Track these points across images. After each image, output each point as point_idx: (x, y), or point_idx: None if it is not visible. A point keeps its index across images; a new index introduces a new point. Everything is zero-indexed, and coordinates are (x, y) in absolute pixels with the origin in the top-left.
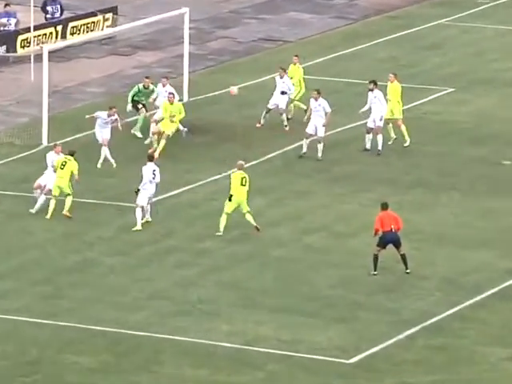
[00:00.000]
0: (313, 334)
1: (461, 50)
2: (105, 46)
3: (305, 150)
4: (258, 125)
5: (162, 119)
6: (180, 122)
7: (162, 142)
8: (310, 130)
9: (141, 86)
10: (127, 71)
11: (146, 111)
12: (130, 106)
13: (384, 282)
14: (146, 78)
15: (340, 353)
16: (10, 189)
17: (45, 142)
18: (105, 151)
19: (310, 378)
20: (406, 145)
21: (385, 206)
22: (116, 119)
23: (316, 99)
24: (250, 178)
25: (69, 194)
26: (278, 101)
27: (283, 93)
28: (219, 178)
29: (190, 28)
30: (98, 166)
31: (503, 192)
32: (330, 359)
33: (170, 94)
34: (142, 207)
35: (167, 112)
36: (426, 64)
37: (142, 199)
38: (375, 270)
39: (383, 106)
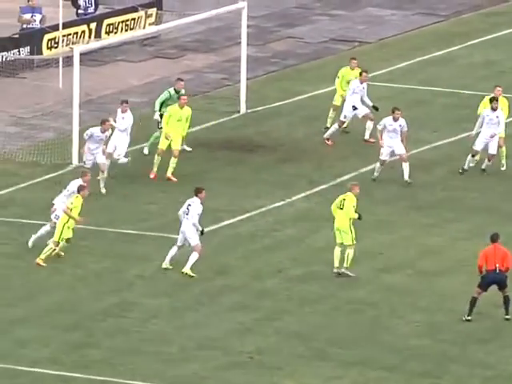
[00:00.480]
0: None
1: None
2: (147, 47)
3: (376, 174)
4: (327, 142)
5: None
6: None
7: (174, 161)
8: (385, 156)
9: (172, 90)
10: (174, 77)
11: None
12: (157, 115)
13: (479, 329)
14: (180, 80)
15: None
16: (34, 217)
17: (75, 162)
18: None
19: None
20: (503, 168)
21: (495, 238)
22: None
23: (396, 119)
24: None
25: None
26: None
27: (354, 108)
28: (283, 205)
29: (248, 26)
30: (103, 191)
31: None
32: None
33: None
34: (179, 247)
35: (173, 117)
36: None
37: (179, 239)
38: (469, 315)
39: (501, 128)
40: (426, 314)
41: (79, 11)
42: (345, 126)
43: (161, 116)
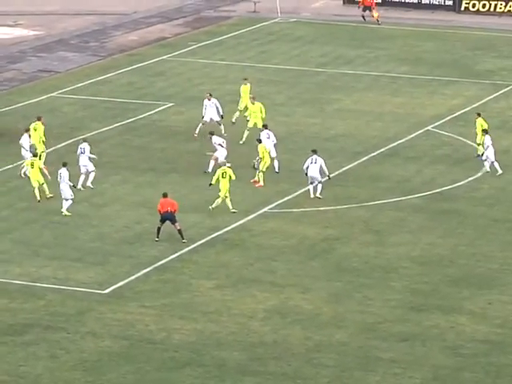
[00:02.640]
0: (79, 273)
1: (178, 77)
2: None
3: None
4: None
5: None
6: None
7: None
8: None
9: None
10: None
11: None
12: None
13: (129, 236)
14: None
15: (98, 286)
16: None
17: None
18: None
19: (77, 303)
20: None
21: (165, 195)
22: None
23: None
24: None
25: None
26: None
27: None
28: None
29: None
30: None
31: (207, 174)
32: (92, 290)
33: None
34: None
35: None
36: (154, 86)
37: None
38: (157, 237)
39: None
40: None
41: None
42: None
43: None
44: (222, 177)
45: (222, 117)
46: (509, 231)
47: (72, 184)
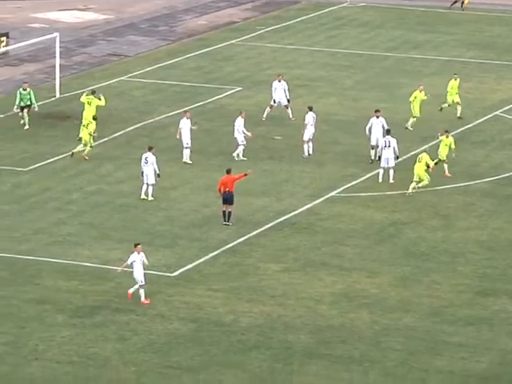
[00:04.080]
0: (147, 256)
1: (246, 61)
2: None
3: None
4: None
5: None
6: None
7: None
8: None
9: (21, 89)
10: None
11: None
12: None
13: (197, 219)
14: (24, 82)
15: (166, 268)
16: None
17: None
18: None
19: (149, 287)
20: None
21: (228, 171)
22: None
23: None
24: None
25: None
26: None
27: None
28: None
29: (60, 47)
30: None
31: (275, 158)
32: (160, 273)
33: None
34: None
35: None
36: (222, 71)
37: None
38: (224, 221)
39: None
40: (165, 211)
41: None
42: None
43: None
44: (418, 161)
45: (288, 101)
46: None
47: (158, 172)
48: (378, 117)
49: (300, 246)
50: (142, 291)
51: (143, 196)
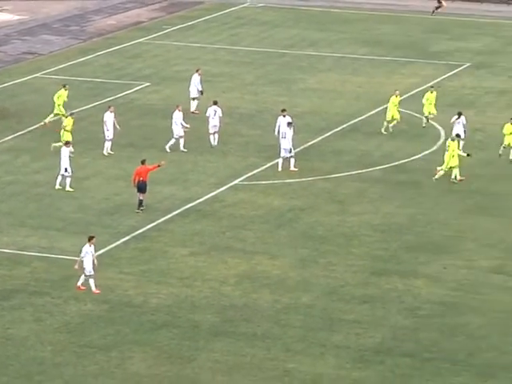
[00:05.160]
0: (62, 242)
1: (153, 58)
2: None
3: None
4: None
5: None
6: None
7: None
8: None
9: None
10: None
11: None
12: None
13: (109, 207)
14: None
15: (79, 254)
16: None
17: None
18: None
19: (61, 270)
20: None
21: (142, 161)
22: None
23: None
24: None
25: None
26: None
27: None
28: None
29: None
30: None
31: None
32: (74, 258)
33: None
34: None
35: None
36: (131, 68)
37: None
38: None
39: None
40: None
41: None
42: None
43: None
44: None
45: (201, 93)
46: (462, 200)
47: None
48: (284, 116)
49: (205, 231)
50: (91, 281)
51: (58, 186)
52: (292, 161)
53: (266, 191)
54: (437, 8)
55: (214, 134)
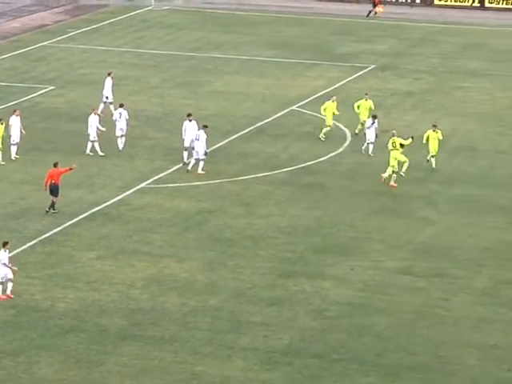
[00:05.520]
0: None
1: (58, 62)
2: None
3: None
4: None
5: None
6: None
7: None
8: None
9: None
10: None
11: None
12: None
13: (14, 212)
14: None
15: None
16: None
17: None
18: None
19: None
20: None
21: (55, 164)
22: None
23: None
24: None
25: None
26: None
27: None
28: None
29: None
30: None
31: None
32: None
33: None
34: None
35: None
36: (36, 71)
37: None
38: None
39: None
40: None
41: None
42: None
43: None
44: (393, 147)
45: (107, 97)
46: (368, 202)
47: None
48: (190, 120)
49: (112, 234)
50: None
51: None
52: (201, 164)
53: (173, 194)
54: (371, 12)
55: (120, 137)
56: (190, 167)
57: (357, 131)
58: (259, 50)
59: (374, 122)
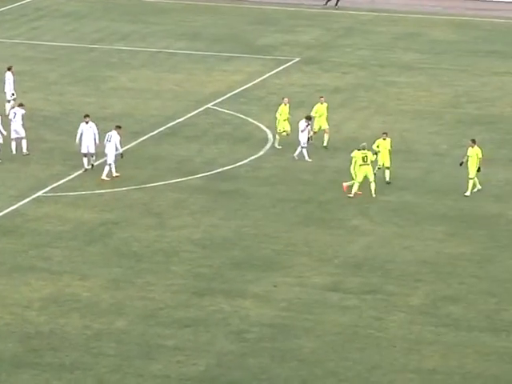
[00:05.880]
0: None
1: None
2: None
3: None
4: None
5: None
6: None
7: None
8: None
9: None
10: None
11: None
12: None
13: None
14: None
15: None
16: None
17: None
18: None
19: None
20: None
21: None
22: None
23: None
24: None
25: None
26: None
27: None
28: None
29: None
30: None
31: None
32: None
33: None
34: None
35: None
36: None
37: None
38: None
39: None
40: None
41: None
42: None
43: None
44: (364, 161)
45: (12, 94)
46: (293, 211)
47: None
48: (87, 122)
49: (6, 249)
50: None
51: None
52: (106, 168)
53: (74, 203)
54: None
55: (15, 139)
56: (114, 174)
57: (325, 144)
58: (169, 42)
59: (308, 124)
